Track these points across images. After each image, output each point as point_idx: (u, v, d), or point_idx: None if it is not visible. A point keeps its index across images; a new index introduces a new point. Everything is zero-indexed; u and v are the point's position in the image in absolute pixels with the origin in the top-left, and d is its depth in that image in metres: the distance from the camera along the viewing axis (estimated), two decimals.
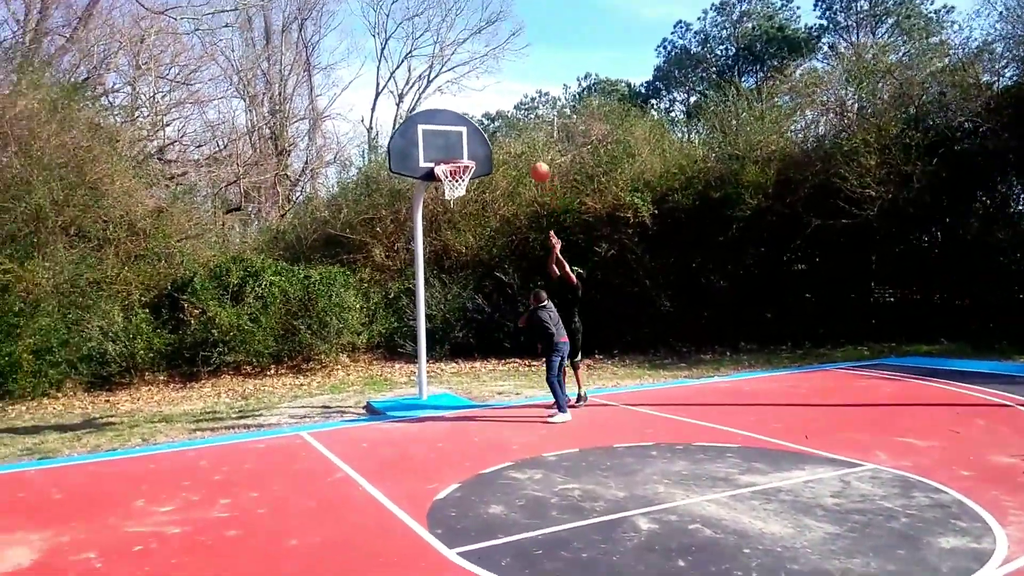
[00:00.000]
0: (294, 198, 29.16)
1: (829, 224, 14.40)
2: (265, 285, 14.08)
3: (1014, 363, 11.42)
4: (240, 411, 10.45)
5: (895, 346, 13.91)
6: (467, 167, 9.09)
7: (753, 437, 7.27)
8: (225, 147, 25.60)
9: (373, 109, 36.25)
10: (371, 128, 32.13)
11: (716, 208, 15.20)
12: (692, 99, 39.76)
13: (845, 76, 16.06)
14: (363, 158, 26.80)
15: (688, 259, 15.63)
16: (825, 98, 17.42)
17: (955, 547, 4.30)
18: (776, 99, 19.11)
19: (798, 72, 26.80)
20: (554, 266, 9.54)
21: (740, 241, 15.37)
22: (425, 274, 10.72)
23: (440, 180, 9.16)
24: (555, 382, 8.66)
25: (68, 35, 21.28)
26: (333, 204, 19.13)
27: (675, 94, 43.48)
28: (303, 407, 10.58)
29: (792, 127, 18.28)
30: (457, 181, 9.06)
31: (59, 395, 11.98)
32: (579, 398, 9.32)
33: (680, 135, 23.88)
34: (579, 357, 9.47)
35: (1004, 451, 6.33)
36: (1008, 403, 8.41)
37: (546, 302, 8.98)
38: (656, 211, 15.20)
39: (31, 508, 5.80)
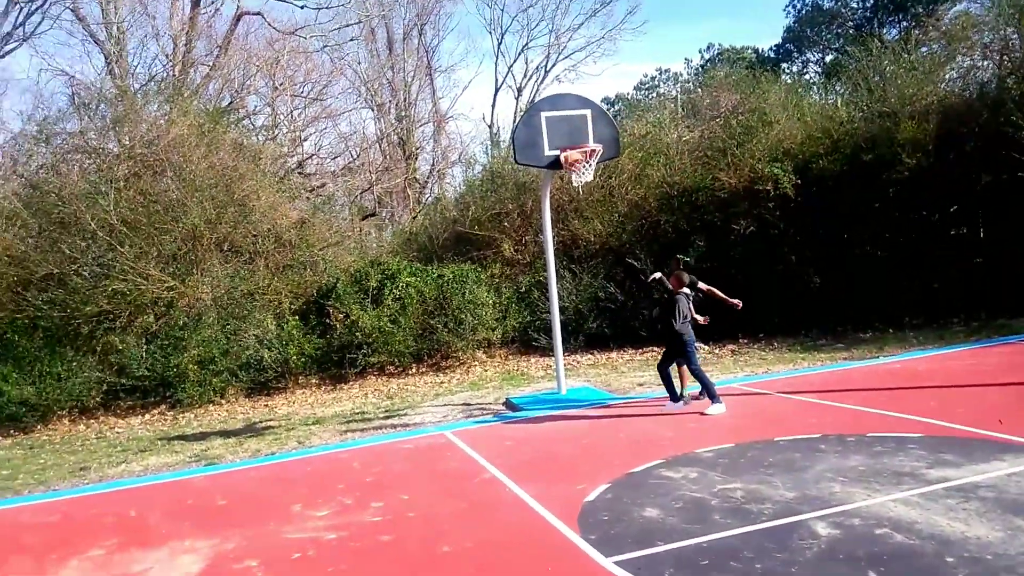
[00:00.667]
0: (424, 200, 29.92)
1: (1004, 179, 12.81)
2: (402, 287, 14.41)
3: None
4: (386, 411, 10.70)
5: None
6: (594, 151, 8.74)
7: (936, 424, 6.47)
8: (358, 156, 26.66)
9: (493, 106, 36.47)
10: (492, 125, 32.38)
11: (868, 172, 13.91)
12: (828, 58, 37.02)
13: (1012, 10, 14.15)
14: (486, 155, 27.06)
15: (838, 230, 14.41)
16: (988, 39, 15.51)
17: None
18: (925, 48, 17.30)
19: (946, 18, 24.21)
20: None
21: (897, 206, 13.99)
22: (555, 265, 10.49)
23: (567, 167, 8.87)
24: (701, 371, 8.15)
25: (211, 63, 22.88)
26: (461, 203, 19.33)
27: (808, 55, 40.66)
28: (445, 404, 10.68)
29: (949, 75, 16.45)
30: (585, 166, 8.73)
31: (223, 402, 12.82)
32: (679, 396, 8.63)
33: (818, 98, 22.15)
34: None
35: None
36: None
37: (685, 290, 8.32)
38: (799, 181, 14.13)
39: (199, 515, 6.10)
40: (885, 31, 31.51)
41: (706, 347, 13.46)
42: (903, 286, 14.01)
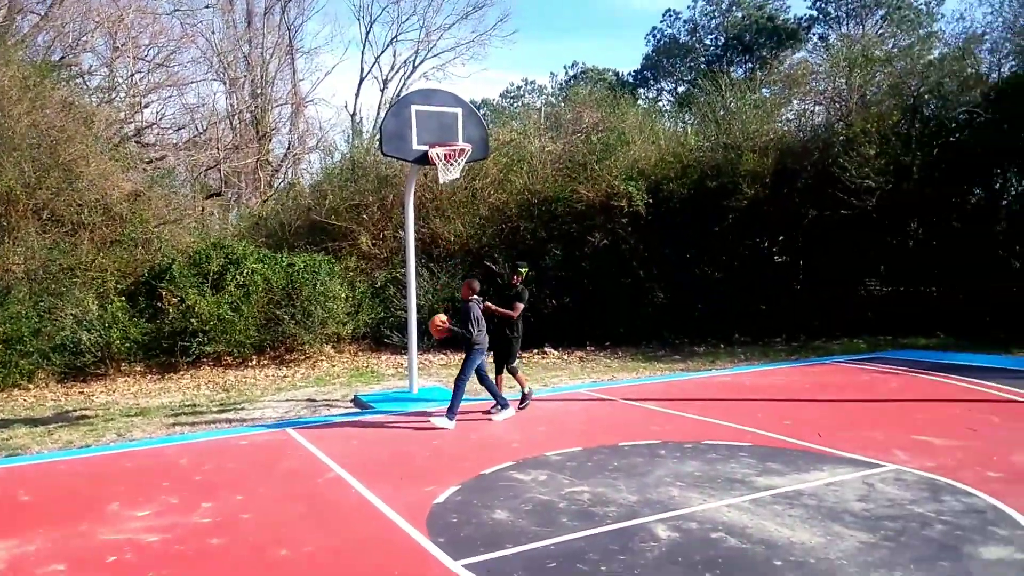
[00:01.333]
0: (276, 184, 28.53)
1: (826, 215, 14.17)
2: (247, 273, 13.58)
3: (1015, 357, 11.24)
4: (221, 404, 10.00)
5: (891, 339, 13.71)
6: (463, 150, 8.66)
7: (764, 435, 6.96)
8: (205, 131, 24.91)
9: (357, 95, 35.44)
10: (355, 114, 31.48)
11: (712, 198, 14.89)
12: (680, 89, 39.44)
13: (845, 64, 15.74)
14: (348, 143, 26.25)
15: (683, 250, 15.32)
16: (822, 87, 17.15)
17: (1001, 558, 4.00)
18: (763, 91, 18.85)
19: (787, 63, 26.57)
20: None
21: (736, 231, 15.10)
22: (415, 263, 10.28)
23: (434, 163, 8.73)
24: (462, 383, 7.88)
25: (43, 13, 20.49)
26: (317, 190, 18.58)
27: (663, 84, 43.12)
28: (287, 400, 10.14)
29: (787, 116, 18.03)
30: (452, 165, 8.63)
31: (30, 386, 11.45)
32: (523, 397, 8.56)
33: (670, 125, 23.50)
34: (516, 363, 8.62)
35: None
36: (1019, 399, 8.17)
37: (474, 297, 8.13)
38: (650, 200, 14.86)
39: None
40: (733, 69, 34.05)
41: (556, 352, 13.78)
42: (735, 306, 15.13)
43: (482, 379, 8.21)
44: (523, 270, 8.26)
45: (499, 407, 8.22)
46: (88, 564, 4.34)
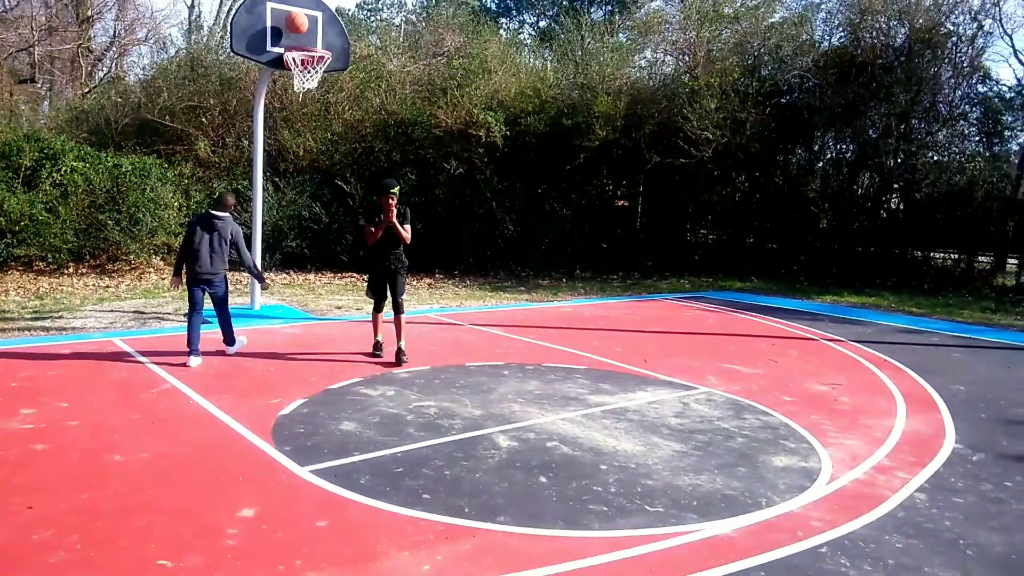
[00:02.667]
0: (97, 76, 25.65)
1: (668, 162, 15.03)
2: (65, 171, 12.32)
3: (814, 302, 12.73)
4: (35, 312, 9.16)
5: (712, 281, 15.00)
6: (322, 57, 8.27)
7: (597, 360, 7.49)
8: (15, 6, 21.76)
9: None
10: (193, 5, 28.75)
11: (566, 136, 15.28)
12: (543, 24, 39.42)
13: (696, 17, 16.48)
14: (184, 38, 23.97)
15: (535, 185, 15.70)
16: (674, 38, 17.89)
17: (788, 465, 4.67)
18: (625, 33, 19.38)
19: (643, 10, 27.34)
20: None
21: (586, 171, 15.66)
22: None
23: (289, 68, 8.28)
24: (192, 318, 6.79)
25: None
26: (150, 87, 16.90)
27: (526, 16, 42.90)
28: (112, 311, 9.47)
29: (640, 63, 18.69)
30: (309, 72, 8.24)
31: None
32: (398, 352, 6.96)
33: (531, 59, 23.58)
34: (402, 297, 7.14)
35: (817, 379, 7.01)
36: (814, 337, 9.34)
37: (226, 214, 6.78)
38: (508, 132, 14.99)
39: None
40: (593, 10, 34.49)
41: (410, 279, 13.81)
42: (578, 243, 15.84)
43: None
44: (396, 190, 6.74)
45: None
46: None
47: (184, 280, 6.86)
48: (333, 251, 14.37)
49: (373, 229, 6.85)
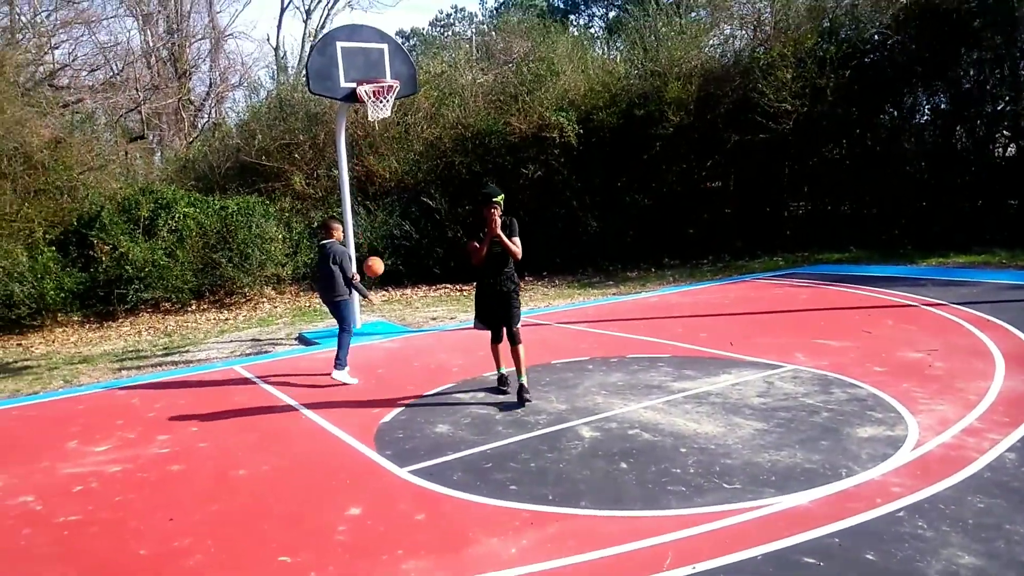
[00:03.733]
0: (199, 125, 27.63)
1: (747, 139, 14.76)
2: (178, 217, 13.47)
3: (917, 267, 12.20)
4: (165, 348, 10.14)
5: (808, 255, 14.59)
6: (391, 87, 8.77)
7: (682, 347, 7.58)
8: (121, 71, 23.83)
9: (279, 27, 34.11)
10: (278, 47, 30.43)
11: (640, 126, 15.29)
12: (612, 14, 39.17)
13: None
14: (273, 80, 25.51)
15: (613, 178, 15.77)
16: (743, 12, 17.50)
17: (872, 435, 4.67)
18: (692, 15, 19.08)
19: None
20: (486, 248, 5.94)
21: (663, 159, 15.58)
22: (350, 201, 10.44)
23: (363, 101, 8.83)
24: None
25: None
26: (245, 130, 18.21)
27: (594, 9, 42.74)
28: (232, 341, 10.35)
29: (711, 42, 18.37)
30: (381, 102, 8.75)
31: None
32: (520, 390, 5.97)
33: (601, 52, 23.60)
34: (518, 326, 6.08)
35: (912, 347, 6.84)
36: (913, 303, 9.02)
37: (330, 240, 7.42)
38: (581, 130, 15.16)
39: None
40: None
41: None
42: (664, 231, 15.78)
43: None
44: (500, 199, 5.84)
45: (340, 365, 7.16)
46: (55, 494, 4.64)
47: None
48: (426, 265, 14.99)
49: (477, 245, 5.84)
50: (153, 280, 12.95)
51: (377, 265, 7.77)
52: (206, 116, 28.70)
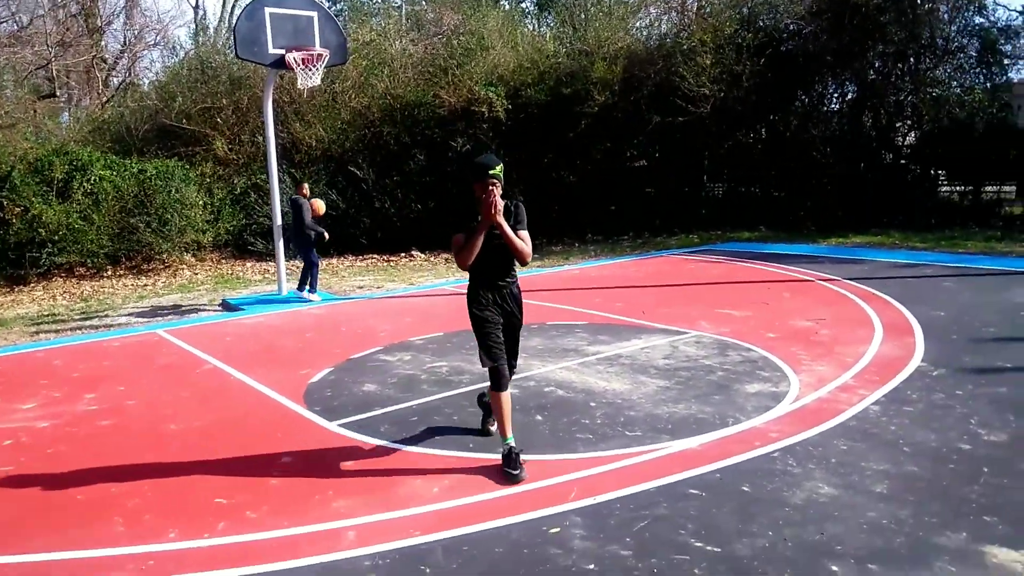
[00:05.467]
0: (112, 85, 26.44)
1: (669, 121, 15.37)
2: (94, 180, 13.10)
3: (818, 245, 13.10)
4: (83, 313, 9.97)
5: (721, 233, 15.39)
6: (321, 55, 8.83)
7: (599, 315, 8.06)
8: (28, 25, 22.55)
9: None
10: (198, 6, 29.41)
11: (567, 104, 15.68)
12: None
13: None
14: (192, 40, 24.61)
15: (541, 154, 16.14)
16: None
17: (759, 391, 5.22)
18: None
19: None
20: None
21: (589, 137, 16.05)
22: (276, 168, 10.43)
23: (292, 68, 8.86)
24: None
25: None
26: (164, 92, 17.67)
27: None
28: (152, 307, 10.26)
29: (637, 24, 18.90)
30: (311, 69, 8.80)
31: None
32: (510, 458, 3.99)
33: (532, 28, 23.81)
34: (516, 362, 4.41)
35: (803, 316, 7.51)
36: (809, 278, 9.78)
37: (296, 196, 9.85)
38: (510, 106, 15.44)
39: None
40: None
41: (422, 255, 14.47)
42: (588, 207, 16.30)
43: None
44: (499, 169, 3.97)
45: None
46: None
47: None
48: (352, 235, 15.05)
49: (467, 240, 3.98)
50: (68, 244, 12.61)
51: (318, 205, 9.94)
52: (120, 75, 27.47)
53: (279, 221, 10.11)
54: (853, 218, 15.17)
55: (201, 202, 14.22)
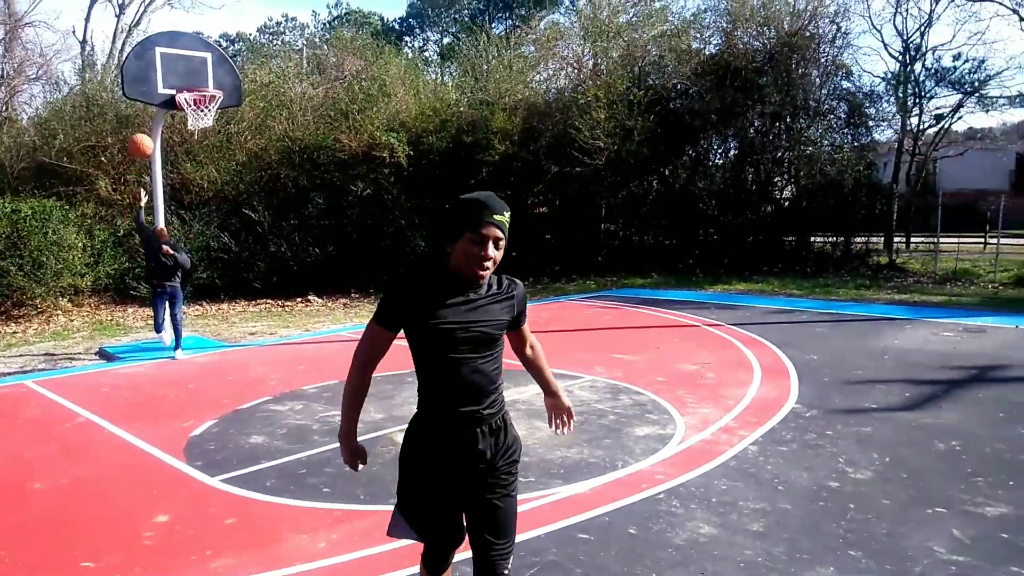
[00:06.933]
0: None
1: (565, 171, 15.89)
2: None
3: (704, 292, 13.76)
4: None
5: (616, 280, 15.91)
6: (214, 96, 8.65)
7: None
8: None
9: (87, 19, 31.67)
10: (85, 41, 28.12)
11: (468, 152, 15.95)
12: (446, 40, 40.19)
13: (582, 33, 17.47)
14: (78, 76, 23.52)
15: (442, 201, 16.25)
16: (565, 52, 18.85)
17: (647, 434, 5.39)
18: (522, 49, 20.25)
19: (542, 24, 28.42)
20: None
21: (490, 185, 16.27)
22: (164, 210, 10.03)
23: (183, 108, 8.62)
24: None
25: None
26: (44, 128, 16.72)
27: (429, 34, 43.59)
28: (21, 355, 9.54)
29: (536, 78, 19.57)
30: (203, 110, 8.59)
31: None
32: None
33: (434, 76, 24.22)
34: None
35: (690, 360, 7.83)
36: (696, 323, 10.24)
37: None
38: (411, 152, 15.55)
39: None
40: (494, 26, 35.44)
41: (320, 300, 14.17)
42: None
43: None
44: (506, 218, 2.30)
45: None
46: None
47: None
48: (245, 279, 14.58)
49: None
50: None
51: (144, 142, 8.76)
52: None
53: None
54: (736, 266, 16.05)
55: (80, 244, 13.42)
